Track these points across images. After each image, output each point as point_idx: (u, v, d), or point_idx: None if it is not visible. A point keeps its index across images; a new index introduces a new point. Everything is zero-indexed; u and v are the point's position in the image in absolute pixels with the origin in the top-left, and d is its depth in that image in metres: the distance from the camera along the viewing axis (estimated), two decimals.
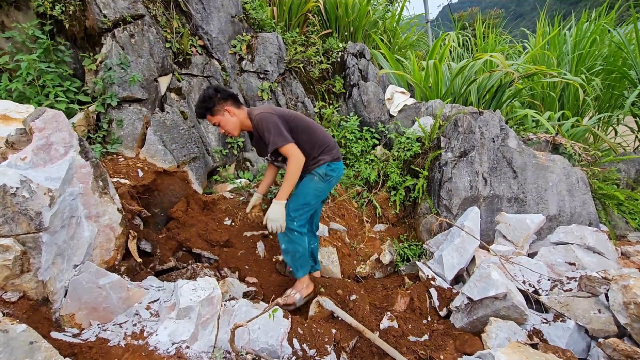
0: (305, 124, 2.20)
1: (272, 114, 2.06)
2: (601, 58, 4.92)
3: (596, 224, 3.09)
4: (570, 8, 10.48)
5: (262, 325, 1.84)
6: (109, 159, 2.58)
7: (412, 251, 3.06)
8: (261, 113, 2.06)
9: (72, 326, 1.61)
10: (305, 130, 2.17)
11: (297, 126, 2.15)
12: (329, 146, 2.24)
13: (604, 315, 1.86)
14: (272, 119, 2.03)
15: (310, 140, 2.18)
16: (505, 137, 3.10)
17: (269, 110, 2.08)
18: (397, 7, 6.04)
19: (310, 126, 2.22)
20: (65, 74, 2.66)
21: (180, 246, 2.55)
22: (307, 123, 2.22)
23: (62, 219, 1.57)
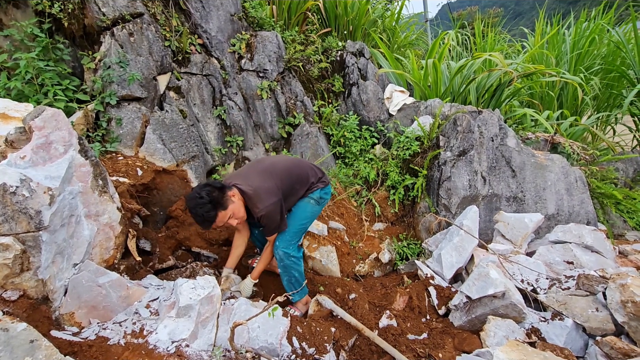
0: (296, 177, 2.19)
1: (278, 202, 2.02)
2: (600, 57, 4.92)
3: (594, 223, 3.10)
4: (569, 7, 10.49)
5: (261, 323, 1.85)
6: (108, 157, 2.57)
7: (411, 250, 3.07)
8: (270, 206, 1.99)
9: (72, 325, 1.61)
10: (298, 181, 2.20)
11: (291, 185, 2.16)
12: (320, 177, 2.32)
13: (601, 313, 1.88)
14: (278, 210, 2.03)
15: (303, 184, 2.23)
16: (504, 136, 3.11)
17: (274, 199, 2.00)
18: (396, 6, 6.03)
19: (300, 174, 2.21)
20: (64, 73, 2.65)
21: (180, 245, 2.55)
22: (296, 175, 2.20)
23: (62, 217, 1.57)
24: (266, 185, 2.02)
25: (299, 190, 2.22)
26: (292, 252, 2.21)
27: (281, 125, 3.66)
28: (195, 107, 3.19)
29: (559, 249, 2.55)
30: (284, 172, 2.13)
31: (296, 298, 2.31)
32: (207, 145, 3.16)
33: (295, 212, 2.26)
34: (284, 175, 2.12)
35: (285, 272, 2.23)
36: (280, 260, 2.21)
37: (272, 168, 2.13)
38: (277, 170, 2.12)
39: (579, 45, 4.81)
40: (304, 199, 2.26)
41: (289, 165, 2.21)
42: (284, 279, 2.26)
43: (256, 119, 3.59)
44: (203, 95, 3.25)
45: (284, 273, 2.24)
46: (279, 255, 2.21)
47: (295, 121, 3.65)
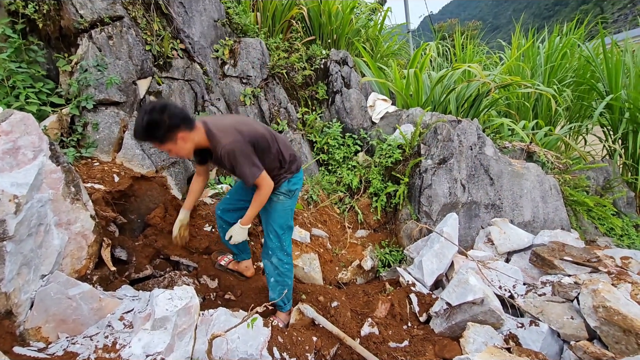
0: (266, 142, 1.97)
1: (243, 144, 1.81)
2: (572, 70, 5.16)
3: (567, 229, 3.21)
4: (544, 22, 10.97)
5: (241, 334, 1.80)
6: (83, 163, 2.48)
7: (393, 257, 3.09)
8: (231, 144, 1.78)
9: (38, 340, 1.53)
10: (267, 150, 1.97)
11: (262, 148, 1.94)
12: (289, 160, 2.09)
13: (576, 321, 1.93)
14: (243, 151, 1.81)
15: (271, 159, 2.01)
16: (483, 145, 3.19)
17: (238, 139, 1.80)
18: (379, 17, 6.15)
19: (269, 144, 1.98)
20: (38, 75, 2.56)
21: (158, 253, 2.48)
22: (267, 140, 1.98)
23: (29, 226, 1.49)
24: (236, 129, 1.85)
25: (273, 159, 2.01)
26: (285, 259, 2.14)
27: None
28: None
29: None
30: (258, 131, 1.94)
31: (287, 307, 2.24)
32: None
33: (268, 214, 2.12)
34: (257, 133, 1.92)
35: (281, 279, 2.14)
36: (274, 268, 2.12)
37: (246, 122, 1.98)
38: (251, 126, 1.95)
39: (552, 59, 5.03)
40: (271, 198, 2.05)
41: (264, 128, 2.01)
42: (277, 288, 2.16)
43: None
44: (185, 101, 3.20)
45: (278, 281, 2.15)
46: (272, 263, 2.11)
47: (278, 128, 3.64)
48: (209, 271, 2.50)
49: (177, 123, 1.70)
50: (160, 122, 1.65)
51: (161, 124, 1.66)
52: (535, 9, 69.36)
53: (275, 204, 2.10)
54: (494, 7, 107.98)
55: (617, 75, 4.19)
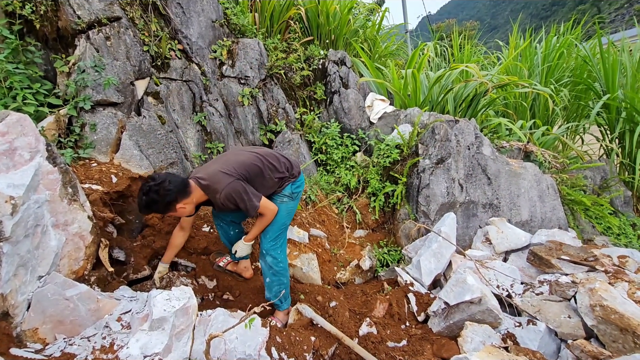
0: (257, 168, 2.07)
1: (236, 182, 1.93)
2: (569, 70, 5.18)
3: (565, 229, 3.22)
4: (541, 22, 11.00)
5: (239, 334, 1.81)
6: (81, 164, 2.48)
7: (392, 256, 3.09)
8: (225, 188, 1.90)
9: (35, 341, 1.53)
10: (260, 174, 2.08)
11: (255, 174, 2.05)
12: (287, 170, 2.21)
13: (573, 320, 1.94)
14: (238, 189, 1.92)
15: (267, 178, 2.13)
16: (480, 144, 3.20)
17: (229, 181, 1.91)
18: (377, 17, 6.16)
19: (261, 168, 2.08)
20: (35, 76, 2.55)
21: (156, 254, 2.47)
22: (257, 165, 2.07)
23: (26, 227, 1.49)
24: (224, 170, 1.95)
25: (269, 180, 2.11)
26: (280, 258, 2.19)
27: (263, 132, 3.65)
28: (174, 112, 3.13)
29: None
30: (246, 161, 2.05)
31: (285, 306, 2.27)
32: (186, 151, 3.09)
33: None
34: (246, 163, 2.03)
35: (276, 278, 2.19)
36: (269, 268, 2.17)
37: (234, 158, 2.06)
38: (239, 159, 2.04)
39: (549, 59, 5.04)
40: (275, 199, 2.19)
41: (253, 155, 2.10)
42: (273, 287, 2.20)
43: (237, 126, 3.56)
44: (183, 101, 3.20)
45: (275, 280, 2.19)
46: (267, 263, 2.17)
47: (277, 128, 3.64)
48: (207, 271, 2.51)
49: (173, 198, 1.84)
50: (157, 201, 1.80)
51: (159, 202, 1.81)
52: (533, 9, 69.52)
53: (280, 205, 2.17)
54: (491, 8, 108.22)
55: (614, 75, 4.21)
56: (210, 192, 1.96)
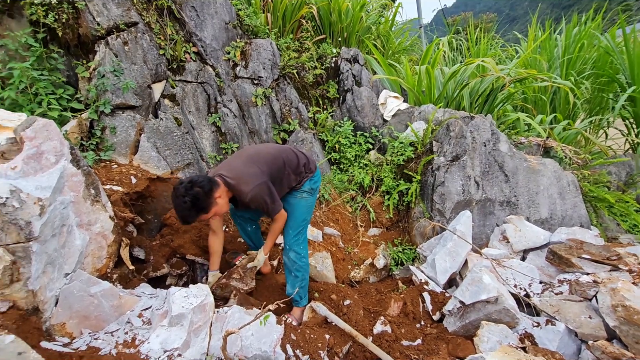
0: (280, 161, 2.12)
1: (264, 183, 1.96)
2: (591, 62, 4.98)
3: (587, 226, 3.12)
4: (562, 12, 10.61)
5: (255, 331, 1.84)
6: (102, 166, 2.58)
7: (406, 255, 3.08)
8: (253, 189, 1.92)
9: (63, 335, 1.61)
10: (282, 167, 2.13)
11: (278, 168, 2.10)
12: (304, 166, 2.25)
13: (594, 320, 1.88)
14: (266, 191, 1.96)
15: (290, 172, 2.17)
16: (497, 141, 3.13)
17: (257, 182, 1.94)
18: (390, 13, 6.09)
19: (283, 162, 2.13)
20: (58, 82, 2.66)
21: (174, 252, 2.55)
22: (281, 158, 2.13)
23: (53, 227, 1.57)
24: (250, 170, 1.99)
25: (288, 176, 2.16)
26: (303, 253, 2.24)
27: (276, 132, 3.68)
28: (190, 114, 3.20)
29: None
30: (268, 158, 2.08)
31: (303, 302, 2.31)
32: (202, 152, 3.16)
33: (292, 210, 2.22)
34: (268, 161, 2.07)
35: (299, 274, 2.24)
36: (292, 263, 2.22)
37: (256, 156, 2.09)
38: (261, 157, 2.08)
39: (569, 50, 4.87)
40: (295, 195, 2.23)
41: (273, 152, 2.15)
42: (295, 283, 2.24)
43: (251, 126, 3.61)
44: (198, 103, 3.27)
45: (297, 276, 2.24)
46: (290, 259, 2.22)
47: (290, 127, 3.67)
48: (224, 269, 2.56)
49: (210, 187, 1.84)
50: (198, 195, 1.79)
51: (200, 196, 1.80)
52: None
53: (299, 200, 2.23)
54: None
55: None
56: (237, 191, 1.97)
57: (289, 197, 2.24)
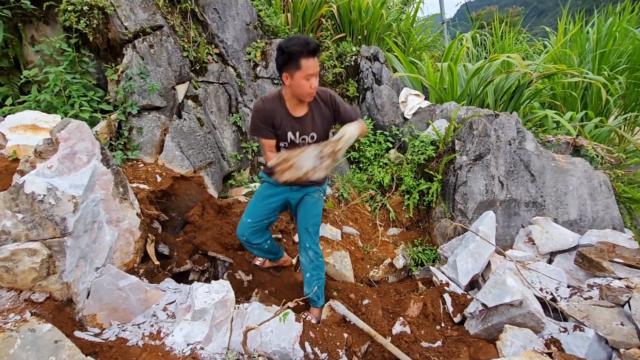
0: None
1: None
2: (626, 55, 4.71)
3: (620, 229, 2.96)
4: (594, 3, 10.10)
5: (274, 328, 1.87)
6: (129, 165, 2.68)
7: (426, 256, 3.03)
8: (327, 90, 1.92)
9: (94, 326, 1.69)
10: None
11: None
12: None
13: (626, 327, 1.80)
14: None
15: None
16: (522, 139, 3.03)
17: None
18: (411, 9, 5.99)
19: None
20: (89, 84, 2.79)
21: (196, 249, 2.62)
22: None
23: (85, 224, 1.65)
24: None
25: None
26: (319, 252, 2.18)
27: None
28: (212, 114, 3.28)
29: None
30: None
31: (321, 303, 2.27)
32: (223, 151, 3.23)
33: (312, 211, 2.12)
34: None
35: (316, 272, 2.17)
36: (310, 261, 2.14)
37: None
38: None
39: (602, 44, 4.62)
40: (317, 192, 2.12)
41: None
42: (312, 282, 2.18)
43: None
44: (220, 103, 3.34)
45: (316, 275, 2.17)
46: (309, 257, 2.14)
47: None
48: (244, 266, 2.61)
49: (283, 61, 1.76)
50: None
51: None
52: None
53: (318, 201, 2.16)
54: None
55: None
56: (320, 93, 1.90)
57: (311, 195, 2.12)
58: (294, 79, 1.73)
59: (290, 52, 1.68)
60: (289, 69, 1.73)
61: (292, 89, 1.78)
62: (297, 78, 1.72)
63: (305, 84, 1.73)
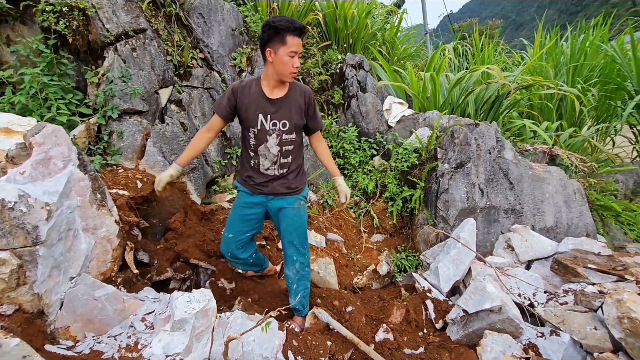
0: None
1: None
2: (598, 69, 4.95)
3: (594, 235, 3.08)
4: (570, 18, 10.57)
5: (257, 337, 1.85)
6: (109, 170, 2.61)
7: (410, 262, 3.06)
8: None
9: (67, 338, 1.62)
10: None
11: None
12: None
13: (599, 332, 1.86)
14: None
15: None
16: (502, 148, 3.12)
17: None
18: (395, 19, 6.12)
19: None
20: (68, 87, 2.71)
21: (178, 257, 2.57)
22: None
23: (59, 232, 1.59)
24: None
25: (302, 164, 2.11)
26: (307, 262, 2.13)
27: None
28: (196, 119, 3.24)
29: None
30: None
31: (305, 312, 2.25)
32: (207, 157, 3.19)
33: (297, 220, 2.04)
34: None
35: (302, 283, 2.13)
36: (297, 273, 2.11)
37: None
38: None
39: (575, 57, 4.85)
40: (294, 206, 2.03)
41: None
42: (299, 291, 2.13)
43: None
44: (204, 108, 3.30)
45: (302, 285, 2.13)
46: (295, 269, 2.09)
47: None
48: (226, 274, 2.57)
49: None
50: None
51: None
52: (562, 4, 66.68)
53: (300, 209, 2.06)
54: (517, 4, 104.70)
55: None
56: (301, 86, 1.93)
57: (291, 206, 2.02)
58: (278, 54, 1.73)
59: (276, 27, 1.69)
60: (274, 44, 1.73)
61: (274, 66, 1.77)
62: (281, 54, 1.72)
63: (289, 61, 1.73)
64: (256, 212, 2.05)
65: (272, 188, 1.97)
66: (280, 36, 1.70)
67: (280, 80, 1.83)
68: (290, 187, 2.00)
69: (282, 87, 1.88)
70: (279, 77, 1.81)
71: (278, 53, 1.73)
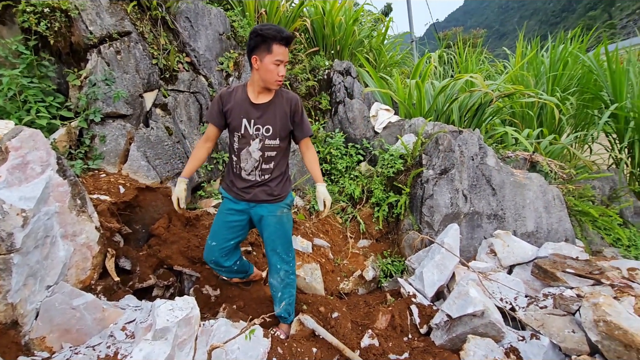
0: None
1: None
2: (576, 79, 5.14)
3: (572, 240, 3.17)
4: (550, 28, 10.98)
5: (241, 345, 1.82)
6: (90, 175, 2.55)
7: (395, 267, 3.09)
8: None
9: (43, 350, 1.57)
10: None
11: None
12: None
13: (577, 335, 1.91)
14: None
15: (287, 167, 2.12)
16: (484, 155, 3.19)
17: None
18: (382, 27, 6.22)
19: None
20: (49, 89, 2.65)
21: (161, 263, 2.52)
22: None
23: (36, 239, 1.55)
24: None
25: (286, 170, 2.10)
26: (292, 270, 2.14)
27: None
28: (181, 124, 3.20)
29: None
30: None
31: (291, 319, 2.24)
32: None
33: (282, 228, 2.06)
34: None
35: (288, 290, 2.13)
36: (281, 281, 2.10)
37: None
38: None
39: (555, 67, 5.02)
40: (276, 214, 2.02)
41: None
42: (284, 298, 2.13)
43: None
44: (190, 112, 3.27)
45: (287, 292, 2.13)
46: (280, 277, 2.09)
47: None
48: (211, 281, 2.54)
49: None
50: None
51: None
52: (542, 15, 69.07)
53: (283, 216, 2.05)
54: (500, 14, 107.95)
55: (622, 84, 4.17)
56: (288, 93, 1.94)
57: (273, 214, 2.01)
58: (264, 62, 1.76)
59: (264, 35, 1.72)
60: (260, 52, 1.75)
61: (260, 73, 1.80)
62: (267, 62, 1.75)
63: (274, 69, 1.76)
64: (239, 220, 2.04)
65: (254, 195, 1.98)
66: (267, 44, 1.72)
67: (265, 87, 1.85)
68: (272, 194, 2.00)
69: (268, 93, 1.90)
70: (265, 84, 1.84)
71: (264, 61, 1.75)
